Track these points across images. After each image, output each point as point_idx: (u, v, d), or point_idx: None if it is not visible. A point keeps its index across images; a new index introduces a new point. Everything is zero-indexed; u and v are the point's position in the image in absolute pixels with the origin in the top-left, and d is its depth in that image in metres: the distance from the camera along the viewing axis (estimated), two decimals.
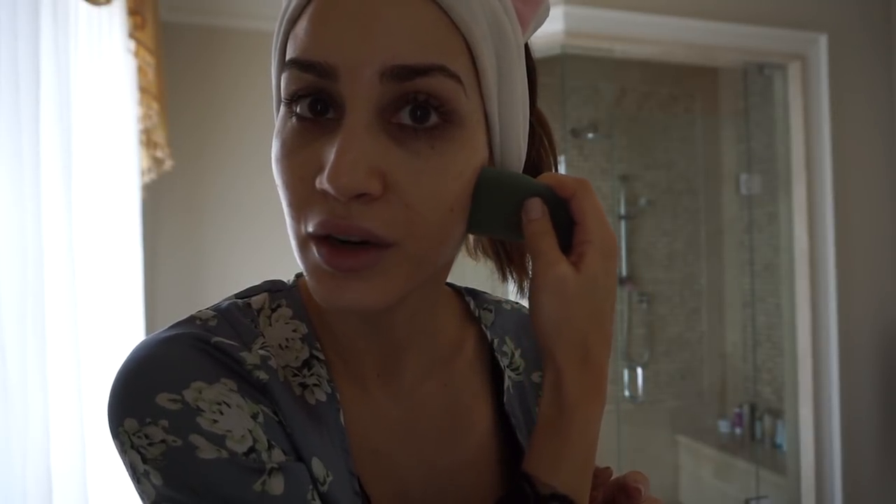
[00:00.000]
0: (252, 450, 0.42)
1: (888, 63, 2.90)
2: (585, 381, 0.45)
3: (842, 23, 2.81)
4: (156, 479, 0.41)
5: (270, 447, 0.43)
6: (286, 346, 0.50)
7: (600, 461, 0.55)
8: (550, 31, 2.48)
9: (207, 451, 0.41)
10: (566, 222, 0.46)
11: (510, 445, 0.57)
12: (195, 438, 0.41)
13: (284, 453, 0.44)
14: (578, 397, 0.44)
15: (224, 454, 0.41)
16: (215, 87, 2.64)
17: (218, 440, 0.41)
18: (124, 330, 1.93)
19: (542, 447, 0.44)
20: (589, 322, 0.45)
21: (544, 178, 0.47)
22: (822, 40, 2.77)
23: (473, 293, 0.63)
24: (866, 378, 2.81)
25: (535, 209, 0.46)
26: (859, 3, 2.86)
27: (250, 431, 0.43)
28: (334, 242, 0.41)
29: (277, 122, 0.44)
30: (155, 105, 2.12)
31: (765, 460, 3.21)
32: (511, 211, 0.46)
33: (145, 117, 2.11)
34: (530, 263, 0.50)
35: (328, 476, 0.46)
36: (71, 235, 1.45)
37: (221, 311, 0.49)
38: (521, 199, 0.46)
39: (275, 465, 0.42)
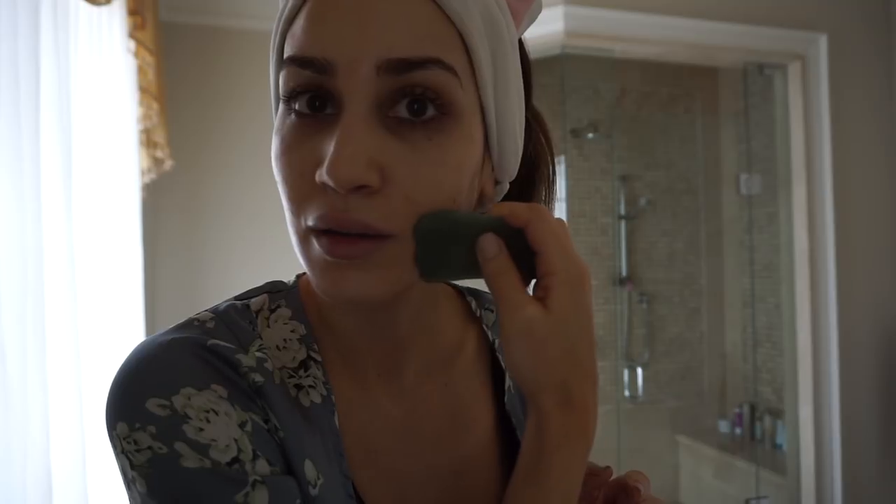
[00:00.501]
0: (236, 460, 0.42)
1: (888, 63, 2.90)
2: (568, 424, 0.43)
3: (842, 23, 2.81)
4: (140, 487, 0.41)
5: (255, 458, 0.43)
6: (284, 347, 0.50)
7: (600, 461, 0.55)
8: (550, 31, 2.48)
9: (190, 460, 0.41)
10: (527, 252, 0.43)
11: (511, 446, 0.57)
12: (180, 446, 0.41)
13: (270, 464, 0.43)
14: (559, 441, 0.43)
15: (207, 464, 0.41)
16: (215, 87, 2.64)
17: (202, 449, 0.41)
18: (124, 330, 1.93)
19: (521, 493, 0.43)
20: (566, 362, 0.43)
21: (495, 210, 0.45)
22: (822, 40, 2.77)
23: (475, 293, 0.63)
24: (866, 378, 2.81)
25: (490, 247, 0.43)
26: (859, 3, 2.86)
27: (236, 441, 0.42)
28: (334, 234, 0.41)
29: (276, 120, 0.45)
30: (155, 105, 2.12)
31: (765, 460, 3.21)
32: (464, 253, 0.44)
33: (145, 117, 2.11)
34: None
35: (319, 479, 0.46)
36: (71, 235, 1.45)
37: (220, 314, 0.49)
38: (474, 238, 0.43)
39: (258, 478, 0.42)
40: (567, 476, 0.43)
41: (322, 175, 0.40)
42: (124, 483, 0.43)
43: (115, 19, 1.92)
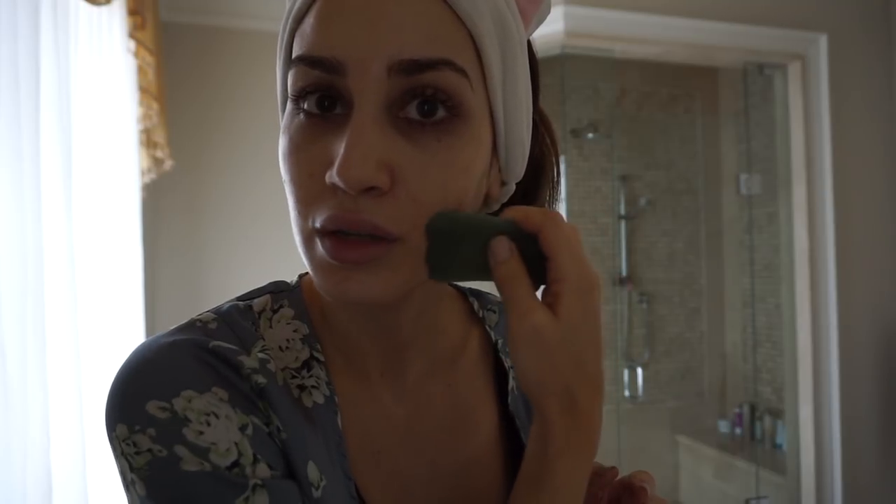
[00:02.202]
0: (236, 464, 0.42)
1: (888, 63, 2.90)
2: (572, 431, 0.43)
3: (842, 23, 2.81)
4: (140, 490, 0.41)
5: (256, 461, 0.42)
6: (286, 348, 0.49)
7: (600, 461, 0.55)
8: (550, 31, 2.48)
9: (190, 463, 0.41)
10: (539, 256, 0.43)
11: (514, 446, 0.57)
12: (179, 449, 0.41)
13: (270, 467, 0.43)
14: (563, 449, 0.43)
15: (207, 467, 0.41)
16: (215, 87, 2.64)
17: (202, 452, 0.41)
18: (124, 330, 1.93)
19: (523, 499, 0.43)
20: (573, 370, 0.42)
21: (509, 213, 0.44)
22: (822, 40, 2.77)
23: (477, 294, 0.63)
24: (866, 378, 2.81)
25: (502, 250, 0.43)
26: (859, 3, 2.86)
27: (236, 444, 0.42)
28: (340, 235, 0.41)
29: (284, 119, 0.44)
30: (155, 105, 2.12)
31: (765, 460, 3.21)
32: (476, 254, 0.43)
33: (145, 117, 2.10)
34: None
35: (322, 480, 0.46)
36: (71, 235, 1.45)
37: (222, 314, 0.49)
38: (486, 240, 0.43)
39: (258, 482, 0.42)
40: (570, 483, 0.43)
41: (332, 176, 0.39)
42: (123, 485, 0.43)
43: (115, 19, 1.91)
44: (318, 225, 0.41)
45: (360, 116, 0.40)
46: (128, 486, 0.42)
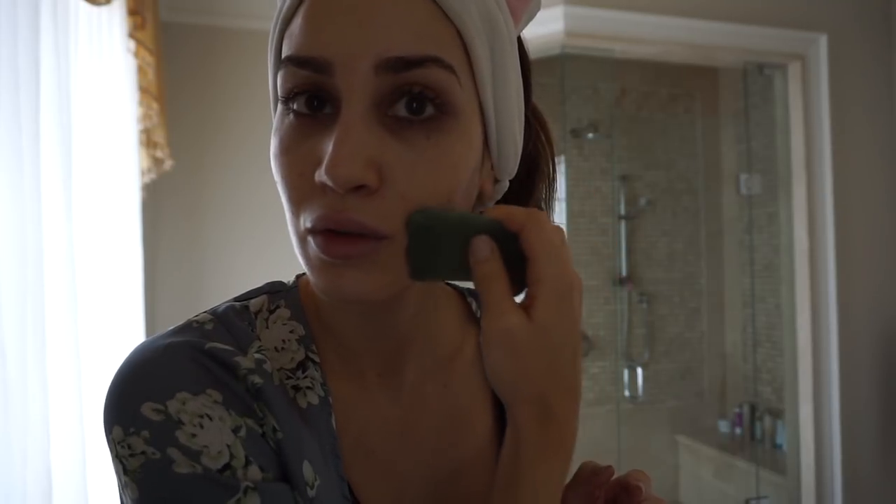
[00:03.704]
0: (227, 466, 0.42)
1: (888, 63, 2.90)
2: (544, 440, 0.42)
3: (842, 23, 2.81)
4: (132, 493, 0.41)
5: (248, 464, 0.43)
6: (282, 349, 0.50)
7: (600, 461, 0.55)
8: (550, 31, 2.48)
9: (183, 466, 0.41)
10: (520, 258, 0.42)
11: None
12: (172, 452, 0.41)
13: (263, 470, 0.43)
14: (536, 456, 0.42)
15: (198, 469, 0.41)
16: (215, 87, 2.64)
17: (193, 455, 0.41)
18: (124, 330, 1.93)
19: None
20: (546, 375, 0.42)
21: (492, 212, 0.44)
22: (822, 40, 2.77)
23: (475, 294, 0.63)
24: (866, 378, 2.81)
25: (482, 249, 0.42)
26: (859, 3, 2.86)
27: (228, 447, 0.42)
28: (331, 233, 0.41)
29: (275, 120, 0.45)
30: (155, 105, 2.12)
31: (765, 460, 3.21)
32: (456, 252, 0.43)
33: (145, 117, 2.11)
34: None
35: (316, 480, 0.46)
36: (71, 235, 1.45)
37: (218, 315, 0.49)
38: (467, 239, 0.43)
39: (250, 484, 0.42)
40: (544, 490, 0.43)
41: (321, 175, 0.39)
42: (119, 488, 0.43)
43: (115, 19, 1.92)
44: (308, 224, 0.41)
45: (349, 115, 0.40)
46: (122, 488, 0.43)
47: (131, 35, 1.99)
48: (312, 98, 0.42)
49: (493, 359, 0.42)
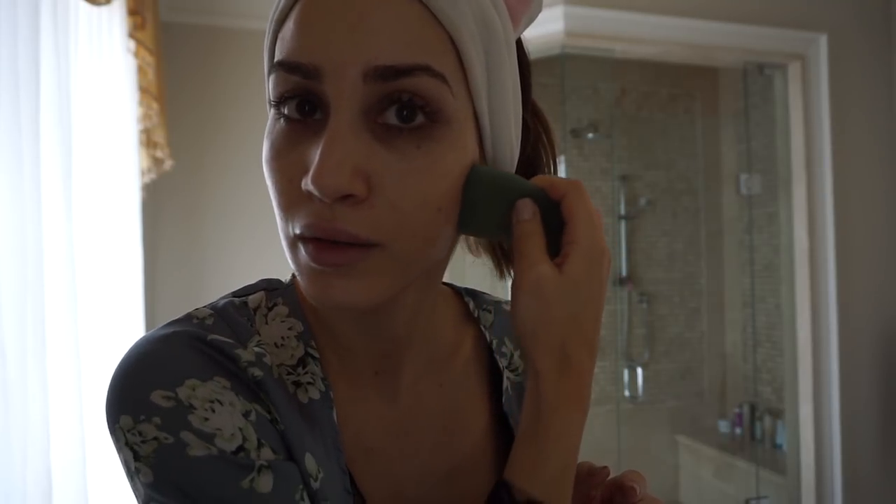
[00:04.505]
0: (241, 448, 0.42)
1: (888, 63, 2.90)
2: (564, 388, 0.44)
3: (842, 23, 2.81)
4: (146, 478, 0.41)
5: (260, 445, 0.43)
6: (281, 345, 0.50)
7: (600, 461, 0.55)
8: (550, 31, 2.48)
9: (197, 448, 0.41)
10: (558, 226, 0.45)
11: (507, 446, 0.57)
12: (186, 435, 0.41)
13: (274, 452, 0.44)
14: (556, 403, 0.43)
15: (213, 451, 0.41)
16: (215, 87, 2.64)
17: (208, 438, 0.41)
18: (124, 330, 1.93)
19: (521, 454, 0.44)
20: (568, 326, 0.44)
21: (537, 181, 0.46)
22: (822, 40, 2.77)
23: (473, 294, 0.63)
24: (866, 378, 2.81)
25: (526, 210, 0.45)
26: (859, 3, 2.86)
27: (240, 430, 0.43)
28: (320, 242, 0.41)
29: (268, 124, 0.44)
30: (155, 105, 2.12)
31: (765, 460, 3.21)
32: (502, 212, 0.45)
33: (145, 117, 2.11)
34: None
35: (320, 473, 0.46)
36: (71, 235, 1.45)
37: (218, 310, 0.49)
38: (513, 200, 0.45)
39: (264, 463, 0.43)
40: (564, 438, 0.44)
41: (307, 184, 0.39)
42: (127, 476, 0.44)
43: (115, 19, 1.92)
44: (297, 231, 0.41)
45: (337, 122, 0.40)
46: (132, 475, 0.43)
47: (131, 35, 1.99)
48: (303, 103, 0.42)
49: (521, 305, 0.44)
